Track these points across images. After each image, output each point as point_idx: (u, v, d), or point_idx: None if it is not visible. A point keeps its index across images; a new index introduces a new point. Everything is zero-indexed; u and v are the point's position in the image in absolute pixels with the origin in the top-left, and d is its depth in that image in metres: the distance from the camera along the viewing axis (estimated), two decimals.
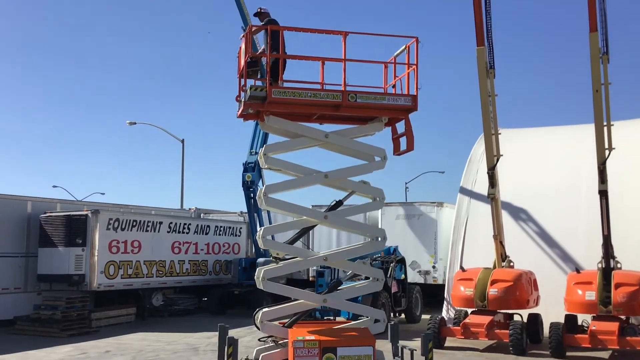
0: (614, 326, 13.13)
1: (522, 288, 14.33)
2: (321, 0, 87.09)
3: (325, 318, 15.34)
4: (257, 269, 10.03)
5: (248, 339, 15.00)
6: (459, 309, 15.74)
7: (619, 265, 14.05)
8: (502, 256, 15.47)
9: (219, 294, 21.72)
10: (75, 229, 18.25)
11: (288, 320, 10.19)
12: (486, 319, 14.14)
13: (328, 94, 9.96)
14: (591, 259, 14.68)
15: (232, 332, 11.91)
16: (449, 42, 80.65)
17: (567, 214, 17.96)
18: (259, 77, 10.93)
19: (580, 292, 13.71)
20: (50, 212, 18.99)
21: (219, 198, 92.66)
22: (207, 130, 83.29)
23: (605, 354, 13.92)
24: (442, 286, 19.91)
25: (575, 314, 14.02)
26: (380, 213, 22.64)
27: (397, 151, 10.82)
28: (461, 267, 15.86)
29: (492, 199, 15.35)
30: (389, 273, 17.28)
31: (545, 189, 18.69)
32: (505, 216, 16.72)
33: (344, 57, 10.05)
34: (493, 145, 14.98)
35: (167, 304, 21.07)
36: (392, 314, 17.66)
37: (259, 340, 10.65)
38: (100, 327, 17.78)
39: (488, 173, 15.22)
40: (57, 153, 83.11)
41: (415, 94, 10.20)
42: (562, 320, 13.90)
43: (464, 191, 19.78)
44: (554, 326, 13.62)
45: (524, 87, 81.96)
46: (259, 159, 10.18)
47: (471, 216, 19.09)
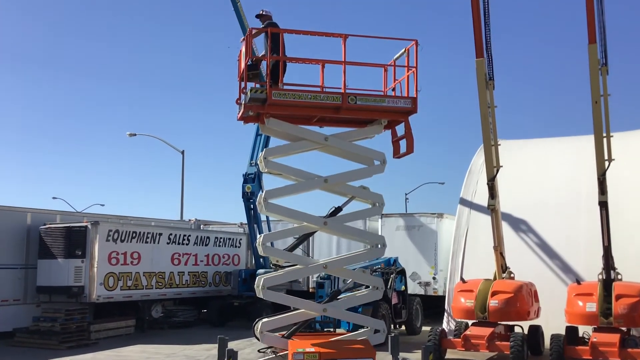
0: (615, 338, 13.08)
1: (523, 299, 14.28)
2: (321, 1, 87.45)
3: (325, 329, 15.27)
4: (257, 278, 10.00)
5: (248, 350, 14.94)
6: (459, 320, 15.67)
7: (619, 277, 14.01)
8: (503, 267, 15.43)
9: (218, 306, 21.66)
10: (75, 240, 18.22)
11: (288, 331, 10.17)
12: (487, 331, 14.08)
13: (328, 96, 10.01)
14: (591, 271, 14.66)
15: (232, 344, 11.87)
16: (447, 53, 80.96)
17: (567, 225, 17.92)
18: (259, 81, 10.98)
19: (580, 303, 13.67)
20: (50, 224, 18.98)
21: (218, 209, 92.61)
22: (207, 141, 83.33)
23: None
24: (443, 297, 19.85)
25: (576, 325, 13.98)
26: (380, 224, 22.66)
27: (397, 154, 10.82)
28: (461, 279, 15.81)
29: (492, 210, 15.33)
30: (389, 284, 17.20)
31: (546, 200, 18.66)
32: (505, 227, 16.70)
33: (343, 60, 10.09)
34: (493, 156, 14.99)
35: (167, 315, 20.98)
36: (392, 326, 17.56)
37: (259, 351, 10.64)
38: (99, 339, 17.69)
39: (488, 184, 15.21)
40: (57, 164, 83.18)
41: (415, 96, 10.23)
42: (562, 332, 13.87)
43: (464, 202, 19.76)
44: (554, 338, 13.58)
45: (523, 98, 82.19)
46: (259, 163, 10.21)
47: (471, 227, 19.06)
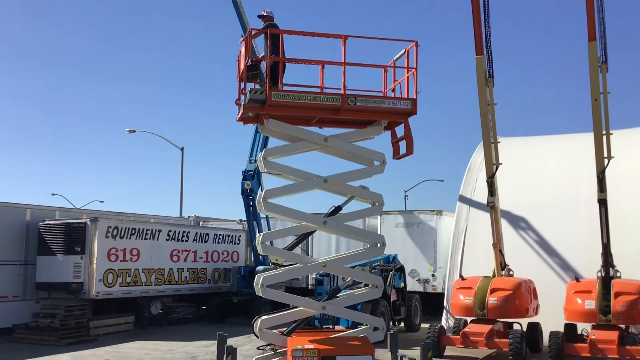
0: (613, 335, 13.11)
1: (522, 297, 14.30)
2: (321, 2, 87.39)
3: (324, 327, 15.29)
4: (256, 276, 10.01)
5: (247, 347, 14.96)
6: (458, 317, 15.69)
7: (618, 274, 14.04)
8: (502, 265, 15.44)
9: (217, 302, 21.67)
10: (74, 236, 18.21)
11: (287, 328, 10.17)
12: (486, 328, 14.10)
13: (328, 97, 9.98)
14: (590, 268, 14.68)
15: (231, 341, 11.89)
16: (448, 51, 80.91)
17: (566, 223, 17.92)
18: (259, 82, 10.94)
19: (579, 300, 13.70)
20: (49, 220, 18.97)
21: (218, 206, 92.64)
22: (206, 138, 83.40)
23: None
24: (442, 295, 19.85)
25: (574, 322, 14.01)
26: (379, 221, 22.64)
27: (396, 155, 10.80)
28: (460, 276, 15.83)
29: (491, 207, 15.34)
30: (388, 281, 17.22)
31: (545, 197, 18.66)
32: (504, 225, 16.70)
33: (343, 61, 10.07)
34: (492, 153, 14.99)
35: (166, 312, 21.02)
36: (391, 323, 17.59)
37: (258, 348, 10.63)
38: (98, 336, 17.72)
39: (487, 181, 15.21)
40: (56, 161, 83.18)
41: (415, 97, 10.21)
42: (561, 329, 13.89)
43: (464, 199, 19.76)
44: (553, 335, 13.59)
45: (523, 96, 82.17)
46: (258, 163, 10.18)
47: (470, 224, 19.07)
